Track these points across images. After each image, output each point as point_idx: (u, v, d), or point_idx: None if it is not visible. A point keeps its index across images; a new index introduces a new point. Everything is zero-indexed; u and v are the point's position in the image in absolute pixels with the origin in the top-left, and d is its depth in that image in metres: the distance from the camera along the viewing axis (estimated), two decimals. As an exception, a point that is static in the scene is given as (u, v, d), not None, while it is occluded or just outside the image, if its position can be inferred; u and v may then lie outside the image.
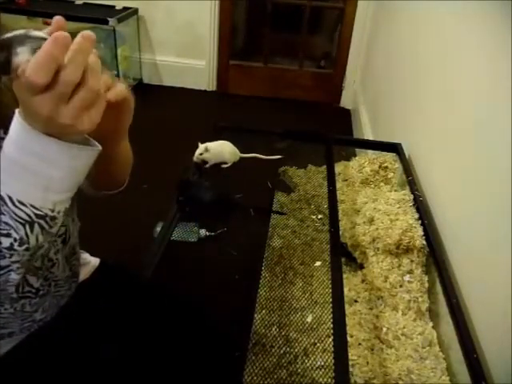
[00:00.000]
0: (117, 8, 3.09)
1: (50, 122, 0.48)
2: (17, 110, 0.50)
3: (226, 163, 1.37)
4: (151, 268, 0.90)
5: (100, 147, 0.55)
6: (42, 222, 0.54)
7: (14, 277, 0.57)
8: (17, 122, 0.50)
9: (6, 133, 0.62)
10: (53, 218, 0.55)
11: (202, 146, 1.36)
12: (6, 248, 0.54)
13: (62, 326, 0.82)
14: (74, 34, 0.48)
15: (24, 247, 0.55)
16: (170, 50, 3.36)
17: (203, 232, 1.22)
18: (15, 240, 0.55)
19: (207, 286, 0.98)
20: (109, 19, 2.85)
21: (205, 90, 3.47)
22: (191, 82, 3.43)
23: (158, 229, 1.08)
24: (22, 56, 0.44)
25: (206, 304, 0.88)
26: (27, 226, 0.54)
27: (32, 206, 0.53)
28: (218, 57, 3.38)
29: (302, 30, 3.21)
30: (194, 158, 1.32)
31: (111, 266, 0.95)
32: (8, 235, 0.54)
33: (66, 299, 0.85)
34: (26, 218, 0.54)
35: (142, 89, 3.38)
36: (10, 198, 0.52)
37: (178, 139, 2.71)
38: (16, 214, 0.53)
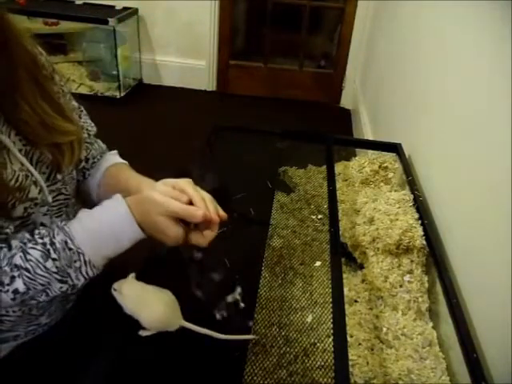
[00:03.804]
0: (117, 8, 3.09)
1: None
2: (126, 199, 0.67)
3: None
4: (151, 268, 0.90)
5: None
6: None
7: (44, 298, 0.67)
8: (127, 215, 0.65)
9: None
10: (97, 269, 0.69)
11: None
12: (57, 289, 0.65)
13: (64, 325, 0.82)
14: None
15: (72, 290, 0.67)
16: (170, 50, 3.36)
17: (203, 232, 1.22)
18: (69, 286, 0.66)
19: (207, 287, 0.98)
20: (109, 19, 2.85)
21: (205, 90, 3.47)
22: (191, 82, 3.43)
23: (158, 229, 1.08)
24: None
25: (206, 304, 0.88)
26: (85, 280, 0.67)
27: (96, 269, 0.68)
28: (218, 57, 3.38)
29: (302, 30, 3.22)
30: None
31: (112, 265, 0.95)
32: (64, 282, 0.65)
33: (71, 303, 0.85)
34: (88, 276, 0.67)
35: (141, 89, 3.39)
36: (89, 261, 0.66)
37: (177, 139, 2.71)
38: (84, 271, 0.66)
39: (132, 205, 0.66)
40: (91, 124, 0.86)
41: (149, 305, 0.75)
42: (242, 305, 0.80)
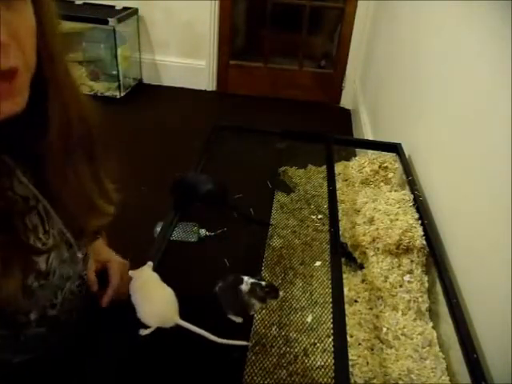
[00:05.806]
0: (117, 8, 3.09)
1: None
2: None
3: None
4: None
5: None
6: None
7: None
8: None
9: None
10: None
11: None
12: None
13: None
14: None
15: None
16: (169, 50, 3.36)
17: (203, 232, 1.22)
18: None
19: (207, 286, 0.98)
20: (109, 19, 2.85)
21: (205, 90, 3.47)
22: (191, 82, 3.43)
23: (158, 229, 1.08)
24: None
25: (206, 304, 0.88)
26: None
27: None
28: (218, 57, 3.38)
29: (302, 30, 3.22)
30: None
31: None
32: None
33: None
34: None
35: (141, 89, 3.38)
36: None
37: (177, 139, 2.71)
38: None
39: None
40: None
41: (149, 298, 0.79)
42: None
